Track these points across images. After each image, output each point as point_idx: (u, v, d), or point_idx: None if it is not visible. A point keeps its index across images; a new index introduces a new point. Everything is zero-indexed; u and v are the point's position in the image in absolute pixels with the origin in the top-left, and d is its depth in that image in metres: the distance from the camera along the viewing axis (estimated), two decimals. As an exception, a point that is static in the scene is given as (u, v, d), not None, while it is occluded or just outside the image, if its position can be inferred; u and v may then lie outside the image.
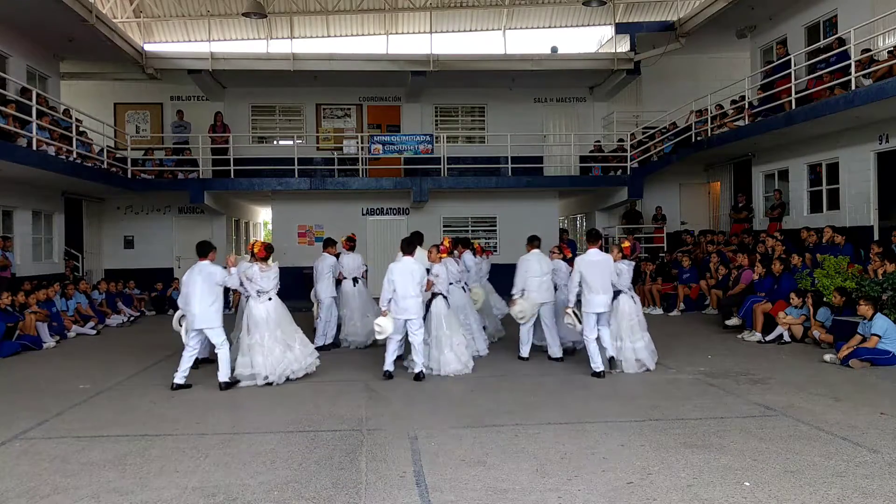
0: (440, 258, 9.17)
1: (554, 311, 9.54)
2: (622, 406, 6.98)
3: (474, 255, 11.77)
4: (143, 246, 19.16)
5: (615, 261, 8.69)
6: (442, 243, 9.68)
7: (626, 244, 9.05)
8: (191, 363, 8.24)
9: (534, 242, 9.81)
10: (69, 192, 16.64)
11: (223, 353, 8.16)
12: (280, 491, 4.65)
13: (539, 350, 9.82)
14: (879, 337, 8.59)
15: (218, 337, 8.20)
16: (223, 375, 8.10)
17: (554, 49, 20.97)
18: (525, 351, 9.71)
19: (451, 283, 9.54)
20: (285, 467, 5.13)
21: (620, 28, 19.53)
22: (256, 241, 9.88)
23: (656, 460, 5.13)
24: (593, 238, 8.91)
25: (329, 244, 11.40)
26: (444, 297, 8.96)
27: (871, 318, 8.79)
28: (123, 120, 19.92)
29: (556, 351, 9.57)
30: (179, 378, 8.10)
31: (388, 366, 8.54)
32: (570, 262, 9.36)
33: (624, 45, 19.02)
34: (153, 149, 19.38)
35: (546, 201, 19.36)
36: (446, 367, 8.57)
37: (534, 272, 9.43)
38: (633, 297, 8.87)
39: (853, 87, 11.78)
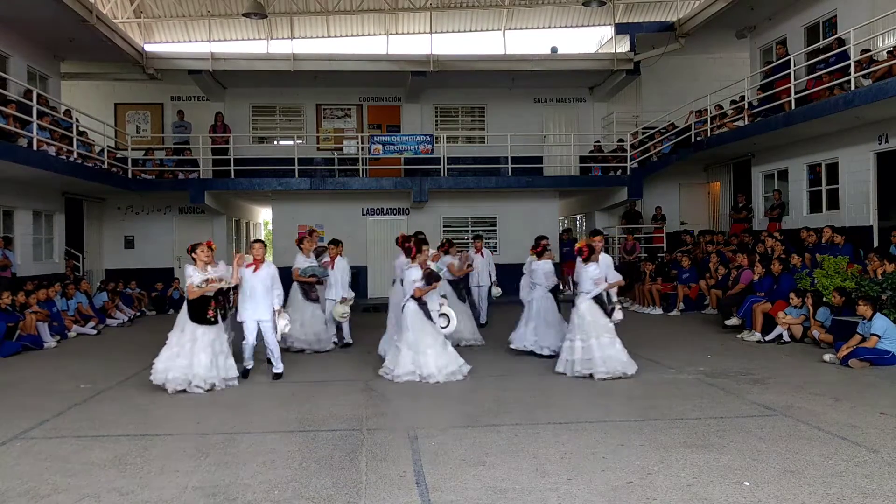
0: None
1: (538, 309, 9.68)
2: (622, 406, 6.99)
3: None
4: (143, 246, 19.17)
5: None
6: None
7: (580, 244, 8.63)
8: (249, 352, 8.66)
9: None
10: (69, 192, 16.66)
11: None
12: (280, 491, 4.65)
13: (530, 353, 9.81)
14: (879, 337, 8.60)
15: None
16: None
17: (554, 49, 20.98)
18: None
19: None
20: (285, 467, 5.14)
21: (620, 28, 19.54)
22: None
23: (656, 460, 5.14)
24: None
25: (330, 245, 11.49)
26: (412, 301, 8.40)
27: (870, 319, 8.79)
28: (124, 120, 19.95)
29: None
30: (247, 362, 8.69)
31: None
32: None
33: (624, 46, 19.03)
34: (154, 149, 19.38)
35: (546, 201, 19.37)
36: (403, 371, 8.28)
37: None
38: (588, 299, 8.29)
39: (853, 87, 11.78)
